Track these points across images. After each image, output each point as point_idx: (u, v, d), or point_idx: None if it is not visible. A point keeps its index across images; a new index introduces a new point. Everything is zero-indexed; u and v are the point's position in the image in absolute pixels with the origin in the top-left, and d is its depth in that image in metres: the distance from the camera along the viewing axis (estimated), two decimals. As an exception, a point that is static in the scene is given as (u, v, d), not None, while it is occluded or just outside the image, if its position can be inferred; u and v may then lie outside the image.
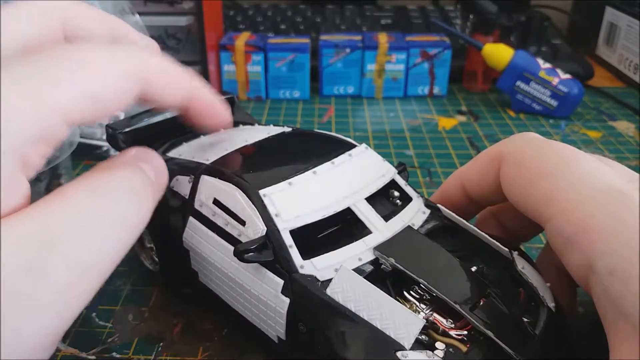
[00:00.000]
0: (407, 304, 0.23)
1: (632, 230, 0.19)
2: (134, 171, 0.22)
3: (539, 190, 0.23)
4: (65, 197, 0.20)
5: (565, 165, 0.23)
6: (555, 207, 0.22)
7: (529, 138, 0.26)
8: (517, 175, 0.25)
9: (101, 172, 0.21)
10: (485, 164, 0.27)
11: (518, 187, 0.25)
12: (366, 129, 0.57)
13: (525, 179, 0.24)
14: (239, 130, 0.34)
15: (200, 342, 0.29)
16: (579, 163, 0.23)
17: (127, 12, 0.51)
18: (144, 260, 0.34)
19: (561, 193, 0.22)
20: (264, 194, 0.25)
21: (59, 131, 0.19)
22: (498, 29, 0.65)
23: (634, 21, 0.68)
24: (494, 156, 0.27)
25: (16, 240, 0.17)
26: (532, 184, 0.24)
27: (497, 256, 0.26)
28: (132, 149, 0.24)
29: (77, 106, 0.19)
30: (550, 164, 0.23)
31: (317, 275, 0.23)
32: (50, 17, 0.23)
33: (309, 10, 0.80)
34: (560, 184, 0.22)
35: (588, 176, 0.22)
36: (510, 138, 0.27)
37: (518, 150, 0.25)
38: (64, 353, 0.29)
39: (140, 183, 0.22)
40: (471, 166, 0.29)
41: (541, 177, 0.23)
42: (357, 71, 0.64)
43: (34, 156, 0.19)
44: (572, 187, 0.22)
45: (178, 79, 0.24)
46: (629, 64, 0.69)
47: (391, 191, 0.29)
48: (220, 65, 0.62)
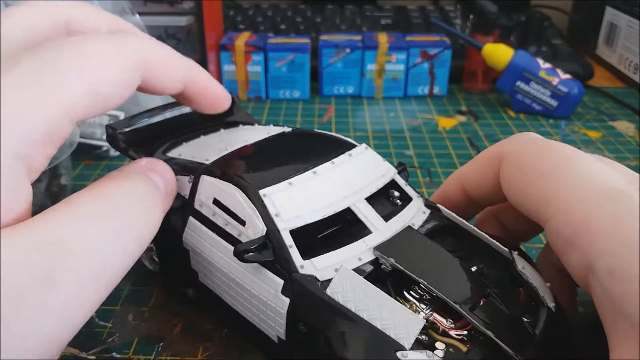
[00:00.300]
0: (407, 304, 0.23)
1: (631, 231, 0.19)
2: (144, 182, 0.23)
3: (539, 190, 0.23)
4: (74, 206, 0.19)
5: (565, 165, 0.23)
6: (555, 207, 0.22)
7: (528, 138, 0.26)
8: (516, 175, 0.25)
9: (110, 181, 0.21)
10: (485, 164, 0.27)
11: (518, 187, 0.24)
12: (366, 129, 0.57)
13: (525, 179, 0.24)
14: (239, 130, 0.34)
15: (200, 342, 0.29)
16: (578, 163, 0.23)
17: (127, 12, 0.51)
18: (144, 260, 0.34)
19: (561, 193, 0.22)
20: (264, 194, 0.25)
21: (65, 129, 0.19)
22: (498, 29, 0.65)
23: (634, 21, 0.68)
24: (494, 156, 0.27)
25: (25, 249, 0.17)
26: (532, 184, 0.23)
27: (497, 256, 0.26)
28: (142, 159, 0.24)
29: (83, 101, 0.19)
30: (550, 164, 0.23)
31: (317, 275, 0.23)
32: (55, 18, 0.23)
33: (309, 10, 0.80)
34: (559, 184, 0.22)
35: (588, 176, 0.22)
36: (510, 138, 0.27)
37: (518, 150, 0.25)
38: (64, 353, 0.29)
39: (149, 194, 0.22)
40: (471, 166, 0.29)
41: (541, 177, 0.23)
42: (357, 71, 0.64)
43: (39, 158, 0.19)
44: (571, 187, 0.22)
45: (176, 62, 0.24)
46: (629, 64, 0.69)
47: (391, 191, 0.29)
48: (220, 65, 0.62)
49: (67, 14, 0.23)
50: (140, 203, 0.21)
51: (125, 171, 0.23)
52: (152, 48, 0.22)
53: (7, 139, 0.17)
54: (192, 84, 0.25)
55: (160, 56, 0.23)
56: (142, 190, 0.22)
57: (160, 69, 0.22)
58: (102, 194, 0.21)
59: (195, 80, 0.25)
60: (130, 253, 0.20)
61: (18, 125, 0.17)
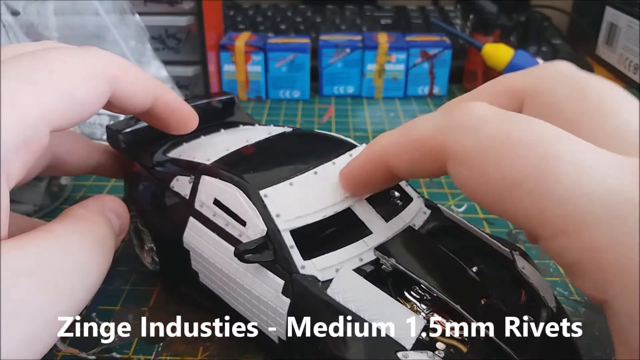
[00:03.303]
0: (407, 304, 0.23)
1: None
2: (104, 225, 0.23)
3: (520, 204, 0.17)
4: (58, 238, 0.20)
5: (547, 170, 0.17)
6: (549, 227, 0.17)
7: (478, 125, 0.19)
8: (482, 184, 0.18)
9: (84, 220, 0.22)
10: (419, 157, 0.21)
11: (489, 199, 0.18)
12: (366, 129, 0.57)
13: (496, 190, 0.18)
14: (239, 131, 0.34)
15: (200, 342, 0.29)
16: (563, 164, 0.17)
17: (127, 12, 0.51)
18: (144, 260, 0.34)
19: (551, 209, 0.17)
20: (265, 194, 0.25)
21: (43, 137, 0.19)
22: (498, 29, 0.65)
23: (634, 21, 0.68)
24: (433, 151, 0.20)
25: (11, 272, 0.17)
26: (507, 197, 0.18)
27: (497, 256, 0.26)
28: (103, 196, 0.24)
29: (58, 107, 0.19)
30: (526, 169, 0.17)
31: (317, 276, 0.23)
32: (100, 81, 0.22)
33: (309, 10, 0.80)
34: (547, 198, 0.17)
35: (579, 182, 0.16)
36: (449, 124, 0.20)
37: (475, 151, 0.18)
38: (64, 353, 0.29)
39: (108, 239, 0.23)
40: (398, 153, 0.22)
41: (517, 190, 0.17)
42: (357, 71, 0.64)
43: (16, 167, 0.18)
44: (563, 200, 0.16)
45: (146, 80, 0.24)
46: (629, 64, 0.69)
47: (391, 191, 0.29)
48: (220, 65, 0.62)
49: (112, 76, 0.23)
50: (102, 248, 0.22)
51: (88, 208, 0.23)
52: (121, 62, 0.23)
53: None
54: (160, 102, 0.25)
55: (130, 70, 0.23)
56: (104, 233, 0.23)
57: (131, 82, 0.23)
58: (82, 232, 0.21)
59: (163, 99, 0.25)
60: (84, 298, 0.21)
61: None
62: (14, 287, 0.17)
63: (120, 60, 0.23)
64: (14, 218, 0.23)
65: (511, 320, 0.23)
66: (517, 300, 0.24)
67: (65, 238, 0.20)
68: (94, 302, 0.32)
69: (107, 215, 0.24)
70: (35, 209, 0.40)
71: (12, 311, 0.17)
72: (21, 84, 0.19)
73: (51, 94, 0.19)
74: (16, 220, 0.24)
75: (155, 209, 0.31)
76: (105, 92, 0.22)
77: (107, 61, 0.22)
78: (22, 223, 0.25)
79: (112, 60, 0.22)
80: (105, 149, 0.32)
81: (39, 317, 0.18)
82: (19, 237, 0.19)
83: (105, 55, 0.22)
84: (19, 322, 0.17)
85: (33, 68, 0.19)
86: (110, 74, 0.22)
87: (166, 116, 0.26)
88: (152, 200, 0.31)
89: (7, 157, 0.18)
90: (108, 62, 0.22)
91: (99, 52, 0.22)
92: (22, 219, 0.25)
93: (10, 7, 0.41)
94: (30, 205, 0.40)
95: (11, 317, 0.17)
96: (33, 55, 0.20)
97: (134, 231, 0.34)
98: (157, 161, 0.31)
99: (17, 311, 0.17)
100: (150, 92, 0.24)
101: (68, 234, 0.20)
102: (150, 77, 0.25)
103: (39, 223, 0.25)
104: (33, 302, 0.18)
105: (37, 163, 0.27)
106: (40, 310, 0.18)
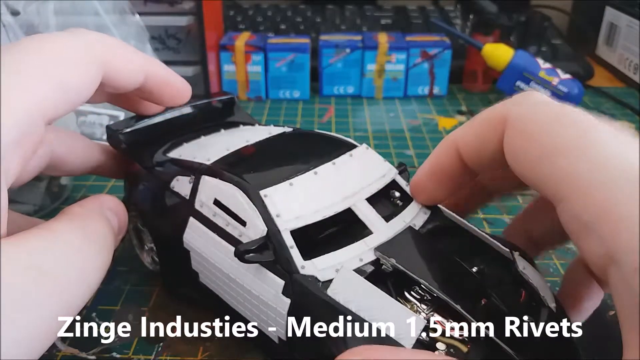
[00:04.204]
0: (407, 304, 0.23)
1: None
2: (103, 223, 0.23)
3: (553, 166, 0.20)
4: (58, 236, 0.20)
5: (583, 140, 0.20)
6: (572, 187, 0.20)
7: (538, 101, 0.23)
8: (526, 147, 0.22)
9: (83, 219, 0.22)
10: (486, 128, 0.24)
11: (527, 161, 0.22)
12: (366, 129, 0.57)
13: (535, 152, 0.21)
14: (239, 131, 0.34)
15: (200, 342, 0.29)
16: (599, 138, 0.20)
17: (127, 12, 0.50)
18: (144, 260, 0.34)
19: (579, 173, 0.20)
20: (265, 195, 0.25)
21: (38, 129, 0.19)
22: (498, 29, 0.65)
23: (634, 21, 0.68)
24: (497, 119, 0.23)
25: (13, 269, 0.17)
26: (545, 159, 0.21)
27: (498, 256, 0.26)
28: (102, 196, 0.25)
29: (51, 96, 0.19)
30: (566, 137, 0.20)
31: (318, 276, 0.23)
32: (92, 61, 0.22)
33: (309, 10, 0.80)
34: (578, 162, 0.20)
35: (609, 154, 0.19)
36: (516, 98, 0.24)
37: (527, 117, 0.22)
38: (64, 353, 0.29)
39: (108, 237, 0.23)
40: (468, 130, 0.25)
41: (555, 153, 0.20)
42: (357, 71, 0.64)
43: (13, 163, 0.18)
44: (592, 166, 0.19)
45: (135, 57, 0.24)
46: (629, 64, 0.69)
47: (392, 191, 0.29)
48: (220, 65, 0.62)
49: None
50: (102, 247, 0.22)
51: (87, 207, 0.23)
52: (110, 40, 0.23)
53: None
54: (151, 76, 0.25)
55: (119, 48, 0.23)
56: (104, 233, 0.23)
57: (120, 60, 0.23)
58: (84, 231, 0.21)
59: (153, 73, 0.26)
60: (83, 298, 0.21)
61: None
62: (12, 285, 0.17)
63: (109, 39, 0.23)
64: (14, 217, 0.24)
65: (511, 321, 0.23)
66: (517, 300, 0.24)
67: (63, 236, 0.20)
68: (94, 302, 0.32)
69: (105, 214, 0.24)
70: (35, 209, 0.40)
71: (10, 309, 0.17)
72: (13, 78, 0.18)
73: (45, 85, 0.19)
74: (16, 220, 0.24)
75: (155, 209, 0.31)
76: (97, 75, 0.22)
77: (96, 44, 0.22)
78: (22, 222, 0.25)
79: (101, 42, 0.22)
80: (105, 149, 0.32)
81: (37, 315, 0.18)
82: (18, 235, 0.19)
83: (94, 38, 0.22)
84: (18, 320, 0.17)
85: (24, 60, 0.19)
86: (101, 56, 0.22)
87: (159, 90, 0.26)
88: (152, 201, 0.31)
89: (4, 154, 0.18)
90: (97, 44, 0.22)
91: (87, 34, 0.22)
92: (22, 219, 0.25)
93: (10, 7, 0.41)
94: (30, 205, 0.40)
95: (10, 315, 0.17)
96: (22, 46, 0.20)
97: (134, 231, 0.34)
98: (157, 161, 0.31)
99: (16, 309, 0.17)
100: (141, 68, 0.24)
101: (67, 232, 0.20)
102: (139, 53, 0.25)
103: (38, 223, 0.25)
104: (32, 300, 0.18)
105: (37, 162, 0.26)
106: (39, 308, 0.18)
